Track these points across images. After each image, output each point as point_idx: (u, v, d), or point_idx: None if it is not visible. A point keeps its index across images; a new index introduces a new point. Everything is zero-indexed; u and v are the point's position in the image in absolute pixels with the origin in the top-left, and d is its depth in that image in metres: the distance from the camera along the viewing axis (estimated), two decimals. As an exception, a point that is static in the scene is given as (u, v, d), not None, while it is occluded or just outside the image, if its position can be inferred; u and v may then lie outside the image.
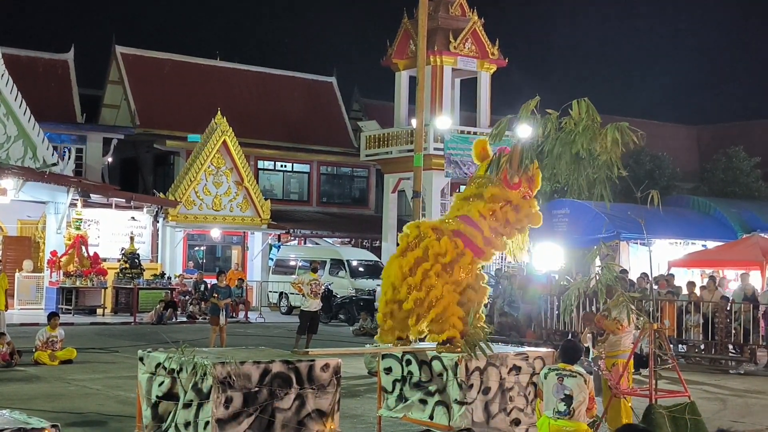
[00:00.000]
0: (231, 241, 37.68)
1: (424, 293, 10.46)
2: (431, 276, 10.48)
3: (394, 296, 10.68)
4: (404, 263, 10.69)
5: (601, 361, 10.81)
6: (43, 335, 17.54)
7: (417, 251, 10.72)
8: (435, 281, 10.45)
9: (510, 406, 10.73)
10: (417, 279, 10.52)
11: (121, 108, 42.26)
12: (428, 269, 10.50)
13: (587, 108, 10.43)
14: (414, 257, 10.67)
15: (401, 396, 11.10)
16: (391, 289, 10.74)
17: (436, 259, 10.54)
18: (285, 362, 9.43)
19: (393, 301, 10.69)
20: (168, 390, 9.54)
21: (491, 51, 35.15)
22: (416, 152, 18.61)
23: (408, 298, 10.50)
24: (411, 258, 10.68)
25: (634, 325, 11.35)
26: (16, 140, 31.20)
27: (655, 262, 28.86)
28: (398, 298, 10.64)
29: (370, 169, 44.12)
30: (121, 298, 30.72)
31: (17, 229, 35.73)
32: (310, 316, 20.55)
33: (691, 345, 21.24)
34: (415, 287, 10.50)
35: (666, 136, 50.60)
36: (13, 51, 39.01)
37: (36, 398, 13.42)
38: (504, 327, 23.77)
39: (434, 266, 10.51)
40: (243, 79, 44.65)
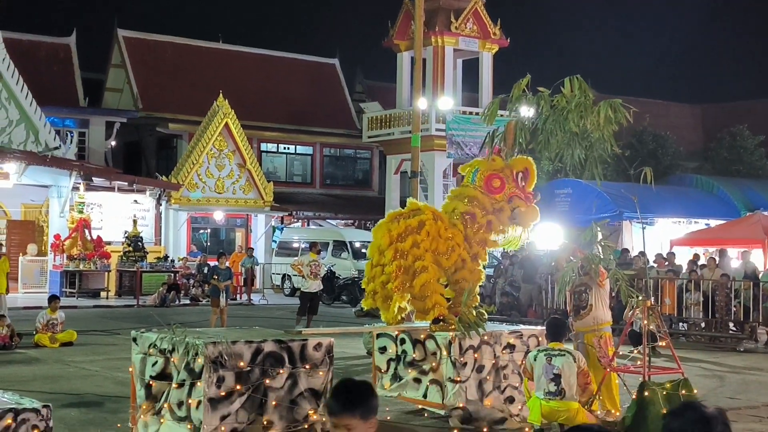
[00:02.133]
0: (235, 223, 37.72)
1: (410, 261, 10.43)
2: (420, 247, 10.45)
3: (379, 260, 10.68)
4: (393, 228, 10.66)
5: (594, 339, 10.79)
6: (43, 318, 17.60)
7: (411, 221, 10.69)
8: (423, 254, 10.43)
9: (504, 384, 10.76)
10: (406, 245, 10.48)
11: (123, 91, 42.23)
12: (419, 241, 10.48)
13: (579, 85, 10.42)
14: (405, 225, 10.64)
15: (396, 375, 11.14)
16: (377, 252, 10.74)
17: (428, 235, 10.53)
18: (277, 342, 9.44)
19: (377, 264, 10.69)
20: (161, 370, 9.57)
21: (493, 31, 35.05)
22: (413, 132, 18.59)
23: (391, 262, 10.47)
24: (402, 225, 10.65)
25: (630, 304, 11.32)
26: (18, 124, 31.23)
27: (658, 240, 29.04)
28: (383, 263, 10.63)
29: (373, 151, 44.09)
30: (124, 281, 30.82)
31: (21, 213, 35.88)
32: (310, 297, 20.58)
33: (691, 323, 21.23)
34: (401, 255, 10.46)
35: (670, 116, 50.53)
36: (15, 35, 39.00)
37: (34, 380, 13.48)
38: (505, 307, 23.82)
39: (424, 241, 10.48)
40: (245, 62, 44.57)
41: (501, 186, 10.80)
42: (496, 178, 10.82)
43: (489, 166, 10.82)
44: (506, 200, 10.79)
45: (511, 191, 10.81)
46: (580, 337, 11.00)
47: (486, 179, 10.81)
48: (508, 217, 10.82)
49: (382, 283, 10.55)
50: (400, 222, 10.71)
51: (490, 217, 10.75)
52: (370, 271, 10.80)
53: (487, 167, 10.83)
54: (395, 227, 10.65)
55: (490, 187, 10.80)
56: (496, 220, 10.78)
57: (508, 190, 10.80)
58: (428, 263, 10.41)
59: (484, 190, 10.79)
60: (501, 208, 10.76)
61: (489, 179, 10.82)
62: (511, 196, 10.82)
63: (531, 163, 10.85)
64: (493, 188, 10.80)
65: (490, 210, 10.74)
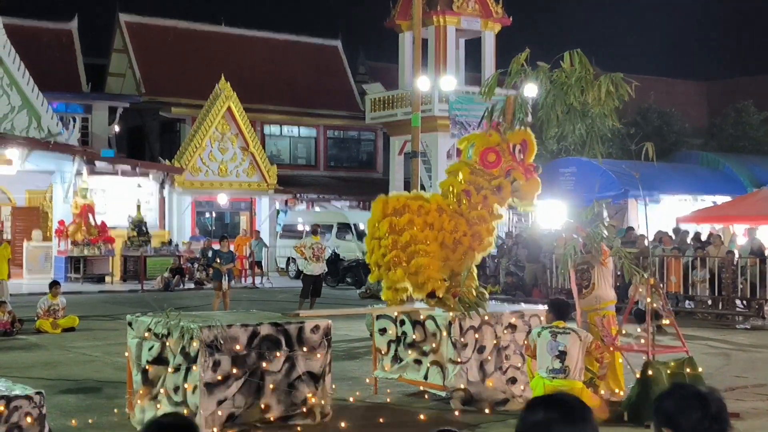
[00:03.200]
0: (239, 207, 37.59)
1: (405, 238, 10.30)
2: (416, 226, 10.32)
3: (374, 233, 10.58)
4: (391, 201, 10.55)
5: (597, 318, 10.64)
6: (44, 303, 17.51)
7: (412, 202, 10.56)
8: (418, 234, 10.30)
9: (506, 364, 10.63)
10: (402, 221, 10.34)
11: (126, 76, 42.06)
12: (417, 223, 10.36)
13: (580, 59, 10.23)
14: (404, 202, 10.51)
15: (396, 357, 11.00)
16: (371, 225, 10.66)
17: (426, 220, 10.39)
18: (274, 325, 9.33)
19: (374, 237, 10.59)
20: (158, 355, 9.47)
21: (495, 10, 34.80)
22: (414, 112, 18.42)
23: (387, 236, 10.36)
24: (402, 201, 10.53)
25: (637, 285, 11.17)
26: (20, 110, 31.05)
27: (664, 218, 28.85)
28: (377, 235, 10.51)
29: (377, 132, 43.90)
30: (129, 266, 30.72)
31: (25, 199, 35.82)
32: (312, 280, 20.43)
33: (698, 301, 21.06)
34: (396, 230, 10.34)
35: (675, 93, 50.18)
36: (17, 21, 38.76)
37: (34, 366, 13.39)
38: (510, 286, 23.69)
39: (428, 232, 10.36)
40: (248, 45, 44.35)
41: (497, 160, 10.62)
42: (491, 152, 10.64)
43: (484, 141, 10.65)
44: (503, 174, 10.60)
45: (508, 164, 10.62)
46: (584, 317, 10.85)
47: (481, 154, 10.64)
48: (508, 193, 10.67)
49: (381, 255, 10.44)
50: (400, 198, 10.58)
51: (485, 193, 10.58)
52: (369, 244, 10.69)
53: (482, 142, 10.66)
54: (393, 201, 10.53)
55: (485, 162, 10.62)
56: (492, 196, 10.60)
57: (504, 164, 10.61)
58: (432, 250, 10.29)
59: (479, 165, 10.61)
60: (500, 185, 10.58)
61: (484, 154, 10.64)
62: (509, 169, 10.63)
63: (529, 134, 10.66)
64: (488, 163, 10.62)
65: (487, 186, 10.57)
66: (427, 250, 10.24)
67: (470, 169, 10.64)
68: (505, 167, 10.63)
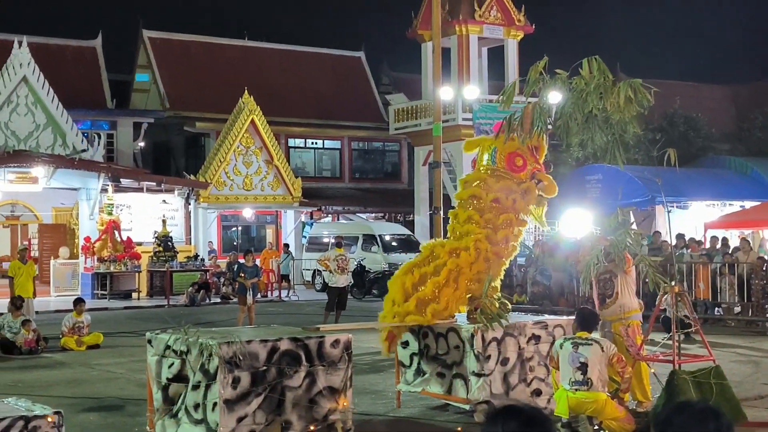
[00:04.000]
0: (265, 220, 37.64)
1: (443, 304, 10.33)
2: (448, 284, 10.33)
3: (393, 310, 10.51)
4: (408, 280, 10.49)
5: (621, 327, 10.48)
6: (69, 321, 17.53)
7: (427, 268, 10.51)
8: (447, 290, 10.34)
9: (530, 376, 10.48)
10: (427, 292, 10.32)
11: (150, 92, 42.29)
12: (441, 283, 10.32)
13: (598, 66, 10.10)
14: (420, 275, 10.46)
15: (419, 370, 10.89)
16: (390, 303, 10.57)
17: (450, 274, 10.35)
18: (293, 340, 9.24)
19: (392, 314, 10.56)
20: (178, 372, 9.40)
21: (517, 18, 34.68)
22: (435, 122, 18.32)
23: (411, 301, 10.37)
24: (417, 275, 10.48)
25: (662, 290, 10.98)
26: (45, 128, 31.27)
27: (692, 224, 28.56)
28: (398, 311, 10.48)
29: (401, 143, 43.83)
30: (155, 282, 30.80)
31: (52, 216, 36.05)
32: (337, 292, 20.38)
33: (726, 308, 20.77)
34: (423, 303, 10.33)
35: (701, 97, 49.74)
36: (42, 39, 39.18)
37: (57, 384, 13.37)
38: (537, 296, 23.50)
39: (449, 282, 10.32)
40: (271, 58, 44.47)
41: (524, 164, 10.58)
42: (517, 156, 10.60)
43: (509, 145, 10.57)
44: (529, 178, 10.57)
45: (533, 167, 10.62)
46: (607, 326, 10.69)
47: (507, 158, 10.56)
48: (534, 197, 10.61)
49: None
50: (414, 272, 10.51)
51: (515, 197, 10.51)
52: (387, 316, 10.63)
53: (506, 146, 10.58)
54: (409, 279, 10.48)
55: (513, 166, 10.56)
56: (521, 200, 10.53)
57: (530, 167, 10.59)
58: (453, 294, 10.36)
59: (507, 170, 10.54)
60: (528, 188, 10.53)
61: (511, 158, 10.58)
62: (534, 171, 10.62)
63: (543, 138, 10.65)
64: (516, 167, 10.57)
65: (516, 190, 10.51)
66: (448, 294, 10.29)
67: (495, 175, 10.56)
68: (531, 170, 10.60)
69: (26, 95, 30.91)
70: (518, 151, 10.58)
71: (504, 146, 10.60)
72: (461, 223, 10.74)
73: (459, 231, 10.71)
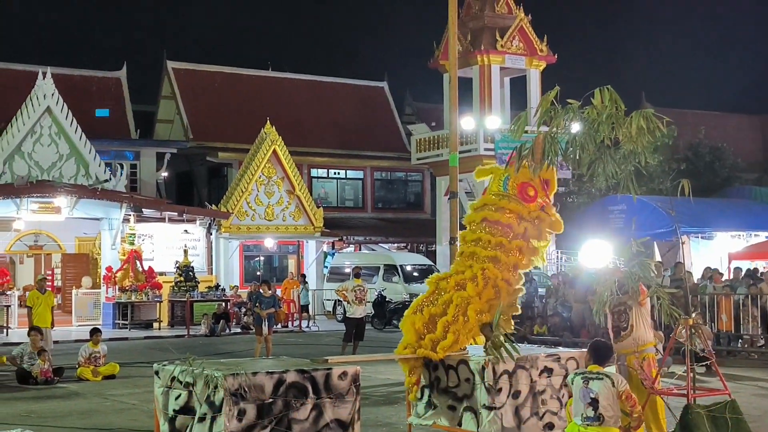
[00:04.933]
0: (287, 250, 37.64)
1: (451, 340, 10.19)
2: (456, 319, 10.19)
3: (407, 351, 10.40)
4: (417, 320, 10.37)
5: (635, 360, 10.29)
6: (85, 351, 17.52)
7: (435, 308, 10.37)
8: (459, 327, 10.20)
9: (542, 409, 10.30)
10: (438, 334, 10.19)
11: (174, 122, 42.55)
12: (450, 321, 10.19)
13: (610, 96, 9.99)
14: (429, 314, 10.34)
15: (430, 402, 10.73)
16: (402, 348, 10.44)
17: (458, 309, 10.21)
18: (300, 371, 9.15)
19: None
20: (185, 403, 9.32)
21: (539, 48, 34.61)
22: (451, 152, 18.25)
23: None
24: (426, 314, 10.36)
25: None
26: (69, 158, 31.45)
27: (717, 254, 28.27)
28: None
29: (424, 173, 43.79)
30: (176, 312, 30.81)
31: (75, 246, 36.19)
32: (355, 323, 20.31)
33: (749, 340, 20.46)
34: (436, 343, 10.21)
35: (728, 127, 49.45)
36: (67, 71, 39.58)
37: (70, 415, 13.32)
38: (557, 327, 23.28)
39: (458, 317, 10.18)
40: (295, 88, 44.65)
41: (535, 195, 10.46)
42: (530, 186, 10.49)
43: (521, 174, 10.47)
44: (539, 209, 10.46)
45: (543, 200, 10.51)
46: (622, 360, 10.50)
47: (519, 187, 10.46)
48: (546, 225, 10.49)
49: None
50: (424, 311, 10.38)
51: (526, 225, 10.40)
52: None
53: (519, 175, 10.48)
54: (419, 319, 10.35)
55: (525, 196, 10.44)
56: (532, 228, 10.42)
57: (540, 200, 10.48)
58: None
59: (518, 199, 10.44)
60: (539, 216, 10.42)
61: (523, 187, 10.47)
62: (543, 205, 10.51)
63: (554, 171, 10.54)
64: (527, 196, 10.45)
65: (527, 218, 10.41)
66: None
67: (507, 201, 10.45)
68: (540, 203, 10.49)
69: (50, 126, 31.13)
70: (531, 181, 10.49)
71: (517, 175, 10.50)
72: (468, 243, 10.64)
73: (465, 252, 10.61)
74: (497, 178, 10.65)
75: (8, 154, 30.56)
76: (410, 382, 10.52)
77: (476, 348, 10.60)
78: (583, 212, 32.12)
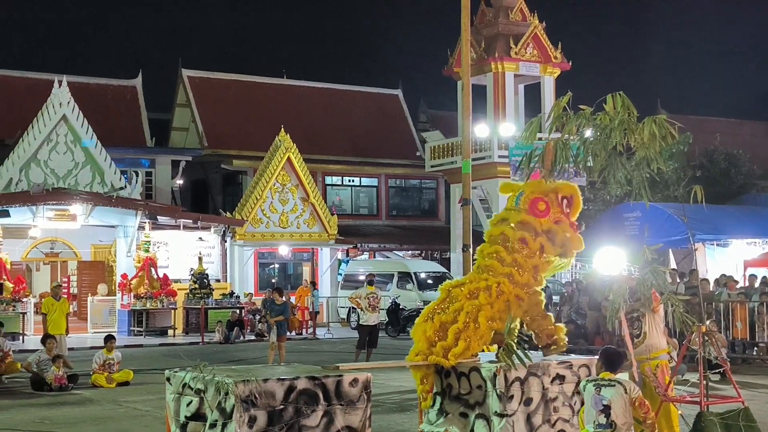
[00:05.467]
0: (302, 257, 37.65)
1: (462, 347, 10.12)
2: (468, 329, 10.13)
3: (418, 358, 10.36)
4: (428, 328, 10.31)
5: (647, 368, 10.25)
6: (99, 358, 17.59)
7: (446, 316, 10.31)
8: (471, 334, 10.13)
9: (554, 417, 10.26)
10: (449, 342, 10.14)
11: (189, 130, 42.69)
12: (461, 328, 10.13)
13: (622, 101, 9.97)
14: (440, 322, 10.29)
15: (442, 409, 10.70)
16: (413, 354, 10.41)
17: (468, 316, 10.15)
18: (311, 378, 9.13)
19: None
20: (196, 410, 9.33)
21: (554, 55, 34.58)
22: (464, 159, 18.24)
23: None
24: (437, 322, 10.30)
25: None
26: (84, 166, 31.62)
27: (732, 262, 28.14)
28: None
29: (438, 180, 43.78)
30: (191, 319, 30.86)
31: (91, 253, 36.34)
32: (368, 330, 20.32)
33: (765, 347, 20.34)
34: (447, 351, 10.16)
35: (743, 134, 49.23)
36: (83, 79, 39.81)
37: (83, 421, 13.37)
38: (572, 335, 23.11)
39: (469, 324, 10.12)
40: (309, 96, 44.74)
41: (546, 210, 10.34)
42: (541, 201, 10.37)
43: (535, 188, 10.39)
44: (551, 223, 10.35)
45: (557, 216, 10.35)
46: (635, 367, 10.45)
47: (531, 202, 10.37)
48: (560, 240, 10.38)
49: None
50: (435, 319, 10.33)
51: (541, 240, 10.32)
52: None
53: (532, 189, 10.40)
54: (430, 327, 10.29)
55: (535, 210, 10.33)
56: (548, 243, 10.34)
57: (553, 215, 10.35)
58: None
59: (529, 213, 10.35)
60: (551, 229, 10.31)
61: (534, 202, 10.37)
62: (557, 220, 10.37)
63: (577, 190, 10.39)
64: (538, 211, 10.33)
65: (541, 232, 10.31)
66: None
67: (518, 214, 10.41)
68: (554, 218, 10.36)
69: (65, 134, 31.31)
70: (543, 196, 10.38)
71: (531, 188, 10.42)
72: (484, 257, 10.59)
73: (481, 264, 10.57)
74: (515, 193, 10.58)
75: (24, 161, 30.75)
76: (423, 390, 10.48)
77: (488, 355, 10.57)
78: (598, 220, 32.04)
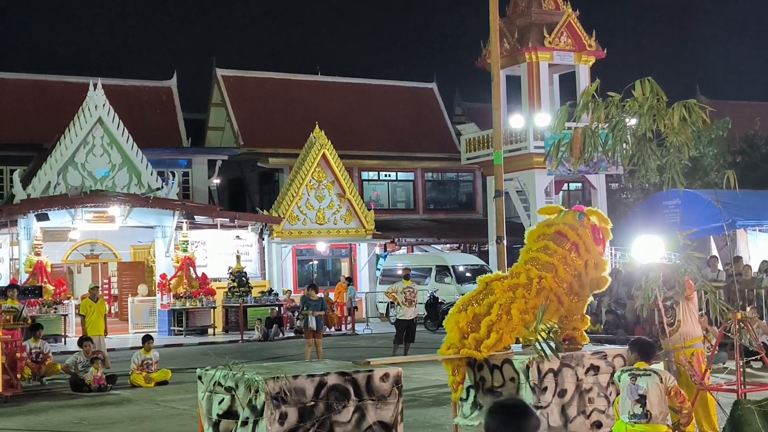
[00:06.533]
0: (340, 253, 37.66)
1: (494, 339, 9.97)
2: (500, 321, 10.00)
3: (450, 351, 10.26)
4: (462, 319, 10.19)
5: (682, 356, 10.10)
6: (138, 358, 17.69)
7: (480, 308, 10.19)
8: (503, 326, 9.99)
9: (589, 408, 10.15)
10: (482, 334, 10.02)
11: (225, 129, 42.87)
12: (494, 321, 10.01)
13: (651, 87, 9.80)
14: (473, 313, 10.16)
15: (476, 403, 10.63)
16: (446, 348, 10.31)
17: (502, 308, 10.02)
18: (341, 374, 9.09)
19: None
20: (228, 408, 9.33)
21: (588, 43, 34.26)
22: (495, 150, 18.10)
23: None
24: (470, 313, 10.18)
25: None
26: (121, 168, 31.85)
27: (775, 249, 27.67)
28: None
29: (475, 173, 43.61)
30: (230, 317, 30.97)
31: (130, 254, 36.63)
32: (405, 325, 20.26)
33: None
34: (479, 343, 10.03)
35: (785, 117, 48.48)
36: (119, 82, 40.13)
37: (121, 421, 13.44)
38: (611, 325, 22.98)
39: (501, 316, 9.98)
40: (344, 92, 44.76)
41: (603, 240, 10.39)
42: (600, 230, 10.41)
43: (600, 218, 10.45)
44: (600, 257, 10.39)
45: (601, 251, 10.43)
46: (670, 356, 10.31)
47: (593, 227, 10.34)
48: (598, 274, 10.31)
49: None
50: (468, 310, 10.20)
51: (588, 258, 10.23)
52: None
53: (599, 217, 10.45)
54: (463, 318, 10.17)
55: (596, 237, 10.33)
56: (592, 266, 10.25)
57: (602, 248, 10.40)
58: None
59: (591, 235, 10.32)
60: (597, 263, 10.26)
61: (596, 228, 10.36)
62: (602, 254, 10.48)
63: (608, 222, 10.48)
64: (598, 238, 10.34)
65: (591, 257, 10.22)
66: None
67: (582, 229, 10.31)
68: (601, 250, 10.40)
69: (102, 136, 31.54)
70: (602, 228, 10.42)
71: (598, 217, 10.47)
72: (534, 250, 10.42)
73: (526, 258, 10.42)
74: (572, 212, 10.49)
75: (62, 165, 31.03)
76: (454, 381, 10.40)
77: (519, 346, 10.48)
78: (637, 208, 31.71)
